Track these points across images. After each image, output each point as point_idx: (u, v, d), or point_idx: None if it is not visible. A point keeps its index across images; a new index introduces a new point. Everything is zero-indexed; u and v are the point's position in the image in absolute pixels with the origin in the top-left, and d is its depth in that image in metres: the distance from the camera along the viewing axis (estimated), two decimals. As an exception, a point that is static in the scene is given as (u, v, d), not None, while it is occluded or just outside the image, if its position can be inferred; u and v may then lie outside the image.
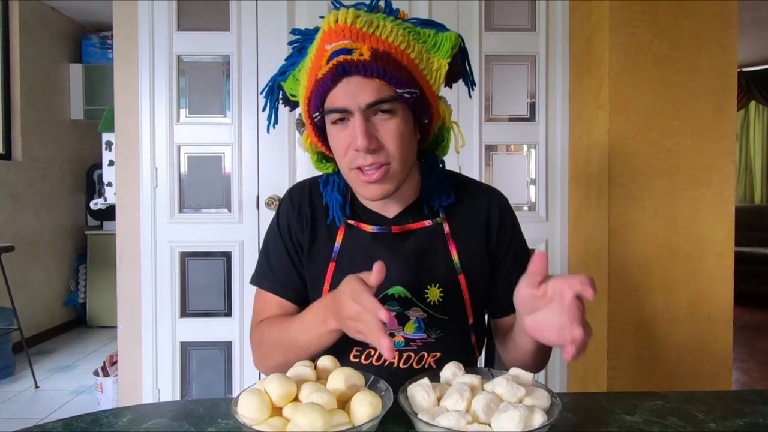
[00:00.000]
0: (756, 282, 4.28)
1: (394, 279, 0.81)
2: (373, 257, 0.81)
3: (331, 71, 0.69)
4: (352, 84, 0.70)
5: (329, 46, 0.70)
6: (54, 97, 3.70)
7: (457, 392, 0.57)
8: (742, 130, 5.53)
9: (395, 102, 0.73)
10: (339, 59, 0.68)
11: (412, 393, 0.59)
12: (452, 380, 0.63)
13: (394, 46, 0.71)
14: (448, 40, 0.77)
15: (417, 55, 0.75)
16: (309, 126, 0.80)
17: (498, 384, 0.59)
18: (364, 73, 0.69)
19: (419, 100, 0.75)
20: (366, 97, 0.70)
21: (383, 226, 0.83)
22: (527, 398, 0.58)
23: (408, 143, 0.77)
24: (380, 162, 0.74)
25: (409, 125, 0.76)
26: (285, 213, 0.89)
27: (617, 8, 1.64)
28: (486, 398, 0.55)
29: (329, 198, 0.86)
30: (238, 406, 0.55)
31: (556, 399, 0.58)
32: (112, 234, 2.06)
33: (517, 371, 0.63)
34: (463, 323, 0.85)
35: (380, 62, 0.69)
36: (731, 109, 1.67)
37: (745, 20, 3.74)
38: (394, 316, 0.81)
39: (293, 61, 0.83)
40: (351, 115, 0.72)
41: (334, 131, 0.76)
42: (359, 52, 0.69)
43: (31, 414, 2.40)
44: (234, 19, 1.94)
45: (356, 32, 0.69)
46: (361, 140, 0.70)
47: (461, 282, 0.83)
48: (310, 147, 0.85)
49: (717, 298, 1.68)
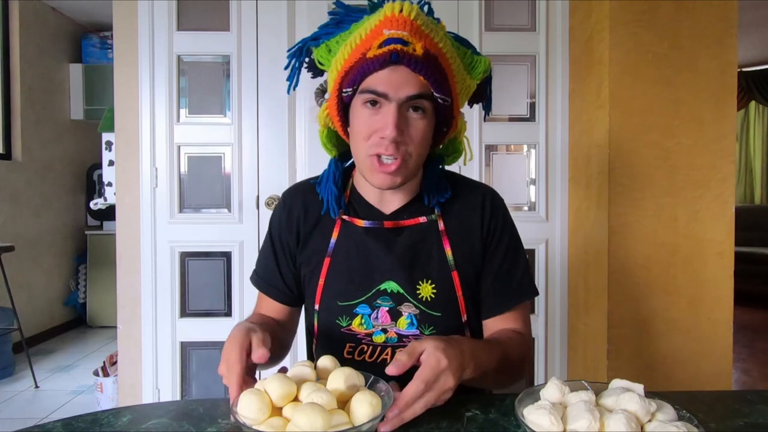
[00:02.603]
0: (756, 282, 4.28)
1: (386, 274, 0.83)
2: (366, 252, 0.84)
3: (384, 55, 0.71)
4: (397, 73, 0.72)
5: (387, 32, 0.72)
6: (54, 97, 3.69)
7: (588, 412, 0.51)
8: (742, 130, 5.53)
9: (430, 102, 0.75)
10: (396, 47, 0.71)
11: (536, 419, 0.53)
12: (561, 399, 0.57)
13: (442, 52, 0.75)
14: (483, 64, 0.82)
15: (456, 67, 0.79)
16: (334, 98, 0.80)
17: (628, 400, 0.53)
18: (414, 67, 0.72)
19: (447, 109, 0.78)
20: (409, 89, 0.73)
21: (376, 221, 0.84)
22: (658, 413, 0.54)
23: (426, 145, 0.80)
24: (400, 155, 0.75)
25: (431, 129, 0.79)
26: (277, 215, 0.92)
27: (617, 8, 1.64)
28: (624, 417, 0.50)
29: (324, 190, 0.87)
30: (238, 406, 0.55)
31: (683, 412, 0.55)
32: (112, 234, 2.06)
33: (624, 382, 0.58)
34: (457, 320, 0.84)
35: (429, 62, 0.73)
36: (731, 109, 1.67)
37: (745, 20, 3.74)
38: (386, 311, 0.82)
39: (329, 31, 0.83)
40: (386, 102, 0.74)
41: (364, 112, 0.76)
42: (413, 47, 0.71)
43: (31, 414, 2.40)
44: (234, 19, 1.94)
45: (416, 28, 0.72)
46: (392, 130, 0.72)
47: (455, 279, 0.83)
48: (326, 119, 0.85)
49: (717, 298, 1.68)
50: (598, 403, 0.56)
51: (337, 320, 0.84)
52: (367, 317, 0.83)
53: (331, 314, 0.84)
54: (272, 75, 1.93)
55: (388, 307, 0.82)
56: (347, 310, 0.83)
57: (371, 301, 0.83)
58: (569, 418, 0.52)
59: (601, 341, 1.69)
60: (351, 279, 0.84)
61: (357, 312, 0.83)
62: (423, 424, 0.61)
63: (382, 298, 0.82)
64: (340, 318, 0.84)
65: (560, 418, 0.52)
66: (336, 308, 0.84)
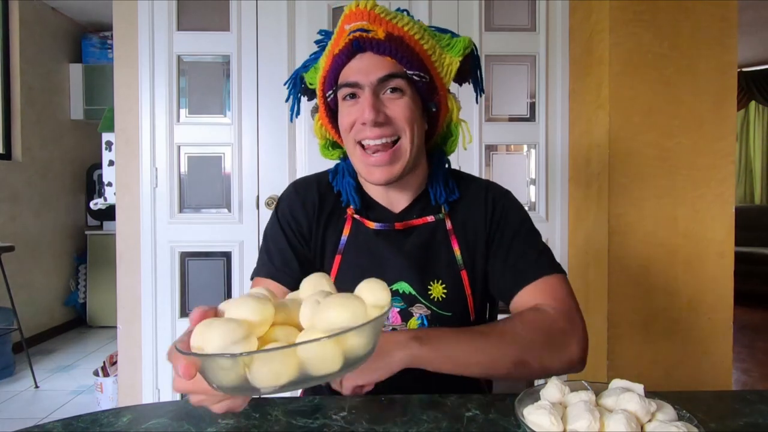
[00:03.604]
0: (756, 282, 4.28)
1: (398, 275, 0.82)
2: (377, 253, 0.83)
3: (347, 46, 0.74)
4: (364, 60, 0.75)
5: (348, 26, 0.75)
6: (54, 97, 3.69)
7: (588, 413, 0.51)
8: (742, 130, 5.53)
9: (404, 81, 0.76)
10: (355, 35, 0.74)
11: (536, 419, 0.53)
12: (561, 399, 0.57)
13: (408, 34, 0.76)
14: (461, 41, 0.82)
15: (430, 47, 0.79)
16: (322, 107, 0.83)
17: (628, 400, 0.53)
18: (378, 50, 0.74)
19: (428, 86, 0.78)
20: (378, 71, 0.74)
21: (386, 223, 0.83)
22: (658, 413, 0.53)
23: (417, 124, 0.79)
24: (387, 135, 0.76)
25: (417, 107, 0.79)
26: (287, 204, 0.88)
27: (617, 8, 1.64)
28: (624, 417, 0.50)
29: (341, 184, 0.86)
30: (194, 339, 0.41)
31: (683, 412, 0.54)
32: (112, 234, 2.06)
33: (624, 382, 0.58)
34: (465, 320, 0.84)
35: (393, 43, 0.74)
36: (731, 109, 1.67)
37: (745, 20, 3.74)
38: (398, 312, 0.81)
39: (316, 56, 0.86)
40: (362, 92, 0.75)
41: (344, 108, 0.78)
42: (375, 33, 0.74)
43: (31, 414, 2.40)
44: (234, 19, 1.94)
45: (374, 16, 0.74)
46: (369, 112, 0.73)
47: (463, 278, 0.83)
48: (320, 130, 0.87)
49: (717, 298, 1.68)
50: (598, 403, 0.56)
51: None
52: None
53: None
54: (272, 75, 1.93)
55: (399, 308, 0.82)
56: None
57: None
58: (569, 418, 0.52)
59: (601, 341, 1.69)
60: (363, 278, 0.80)
61: None
62: (423, 424, 0.61)
63: (394, 298, 0.81)
64: None
65: (560, 419, 0.52)
66: None
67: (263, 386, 0.39)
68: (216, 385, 0.41)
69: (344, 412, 0.63)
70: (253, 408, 0.65)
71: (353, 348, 0.42)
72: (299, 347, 0.39)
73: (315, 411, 0.64)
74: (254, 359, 0.39)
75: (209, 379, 0.41)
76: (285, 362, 0.39)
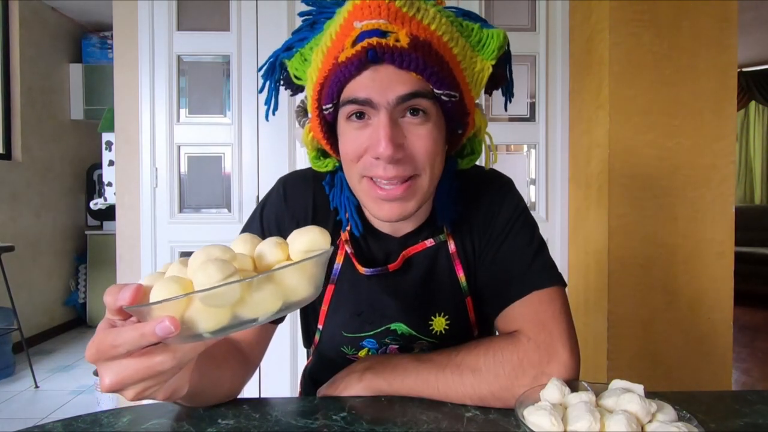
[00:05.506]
0: (756, 282, 4.28)
1: (394, 317, 0.73)
2: (370, 294, 0.72)
3: (358, 55, 0.55)
4: (381, 73, 0.56)
5: (359, 24, 0.56)
6: (54, 97, 3.69)
7: (588, 413, 0.50)
8: (742, 130, 5.53)
9: (431, 101, 0.59)
10: (370, 42, 0.55)
11: (537, 420, 0.52)
12: (561, 400, 0.57)
13: (436, 36, 0.58)
14: (495, 39, 0.63)
15: (460, 51, 0.61)
16: (315, 117, 0.64)
17: (628, 400, 0.53)
18: (399, 63, 0.56)
19: (457, 106, 0.61)
20: (399, 88, 0.56)
21: (378, 268, 0.70)
22: (659, 414, 0.53)
23: (440, 157, 0.63)
24: (404, 176, 0.60)
25: (441, 135, 0.62)
26: (274, 210, 0.74)
27: (617, 8, 1.64)
28: (625, 417, 0.50)
29: (339, 199, 0.71)
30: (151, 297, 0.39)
31: (683, 412, 0.54)
32: (112, 234, 2.06)
33: (624, 383, 0.57)
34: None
35: (420, 53, 0.56)
36: (731, 109, 1.67)
37: (745, 20, 3.74)
38: (396, 348, 0.75)
39: (303, 36, 0.67)
40: (374, 112, 0.58)
41: (349, 129, 0.61)
42: (395, 36, 0.55)
43: (31, 414, 2.40)
44: (234, 19, 1.94)
45: (395, 12, 0.56)
46: (386, 147, 0.56)
47: (468, 306, 0.74)
48: (311, 143, 0.69)
49: (717, 298, 1.68)
50: (598, 404, 0.56)
51: (342, 348, 0.76)
52: (374, 351, 0.75)
53: (334, 342, 0.76)
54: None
55: (398, 345, 0.74)
56: (353, 342, 0.75)
57: (380, 338, 0.74)
58: (570, 419, 0.52)
59: (601, 341, 1.69)
60: (358, 312, 0.73)
61: (363, 345, 0.75)
62: (423, 424, 0.61)
63: (391, 337, 0.74)
64: (345, 347, 0.76)
65: (560, 419, 0.52)
66: (341, 337, 0.75)
67: (260, 315, 0.41)
68: (193, 334, 0.39)
69: (344, 412, 0.63)
70: (253, 408, 0.65)
71: (292, 287, 0.43)
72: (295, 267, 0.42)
73: (315, 411, 0.64)
74: (253, 286, 0.40)
75: (195, 326, 0.39)
76: (274, 292, 0.42)
